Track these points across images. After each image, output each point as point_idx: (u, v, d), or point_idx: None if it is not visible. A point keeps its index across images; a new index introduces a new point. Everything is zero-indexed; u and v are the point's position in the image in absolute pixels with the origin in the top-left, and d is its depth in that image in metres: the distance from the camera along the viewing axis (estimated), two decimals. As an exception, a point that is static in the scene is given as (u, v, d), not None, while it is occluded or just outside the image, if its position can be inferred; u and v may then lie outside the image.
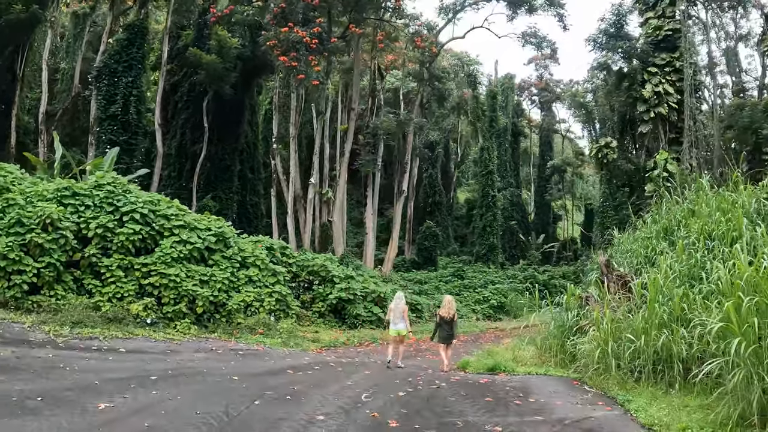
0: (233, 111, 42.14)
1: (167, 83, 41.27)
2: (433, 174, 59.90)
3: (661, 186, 31.86)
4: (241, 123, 43.57)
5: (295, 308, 21.02)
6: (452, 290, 35.45)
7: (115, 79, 34.44)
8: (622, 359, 12.78)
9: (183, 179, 41.12)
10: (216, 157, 42.32)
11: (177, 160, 42.06)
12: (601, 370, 12.98)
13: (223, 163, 43.03)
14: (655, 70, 33.68)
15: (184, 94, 42.76)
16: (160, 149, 36.44)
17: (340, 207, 30.38)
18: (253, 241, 22.54)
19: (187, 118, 42.54)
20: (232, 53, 37.63)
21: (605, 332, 13.33)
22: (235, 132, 43.25)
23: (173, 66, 42.34)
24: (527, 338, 21.98)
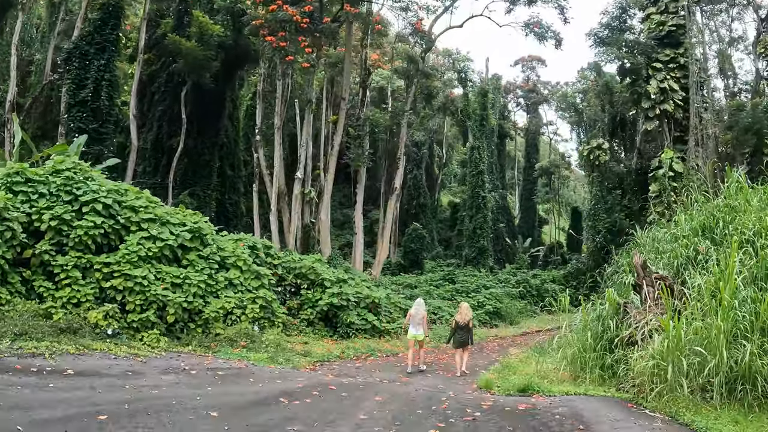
0: (213, 103, 39.20)
1: (144, 73, 38.22)
2: (417, 175, 57.36)
3: (667, 186, 29.76)
4: (221, 116, 40.63)
5: (281, 316, 18.23)
6: (444, 295, 32.89)
7: (86, 62, 31.23)
8: (691, 376, 10.39)
9: (159, 174, 38.06)
10: (194, 151, 39.34)
11: (153, 155, 38.99)
12: (665, 391, 10.52)
13: (202, 158, 40.06)
14: (660, 66, 31.57)
15: (162, 85, 39.72)
16: (135, 142, 33.34)
17: (327, 204, 27.64)
18: (234, 239, 19.70)
19: (164, 110, 39.49)
20: (213, 41, 34.71)
21: (666, 345, 10.82)
22: (214, 125, 40.28)
23: (151, 55, 39.31)
24: (542, 347, 19.57)
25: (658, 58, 31.82)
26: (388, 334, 20.65)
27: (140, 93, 39.01)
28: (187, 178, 39.12)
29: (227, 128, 43.30)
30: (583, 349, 13.46)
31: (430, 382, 13.43)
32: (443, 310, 28.42)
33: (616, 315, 13.75)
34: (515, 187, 68.12)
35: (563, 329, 14.18)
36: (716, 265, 13.44)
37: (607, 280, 19.07)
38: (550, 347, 19.10)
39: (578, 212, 61.54)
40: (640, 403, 10.88)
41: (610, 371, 13.01)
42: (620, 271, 17.23)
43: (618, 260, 18.51)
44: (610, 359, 12.98)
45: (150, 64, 39.68)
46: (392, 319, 22.14)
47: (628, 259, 17.60)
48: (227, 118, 42.97)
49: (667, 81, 31.00)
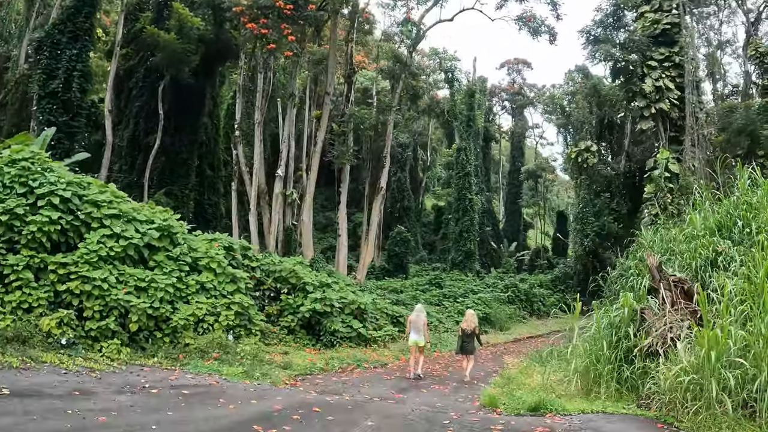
0: (192, 99, 37.36)
1: (122, 68, 36.37)
2: (402, 178, 55.87)
3: (663, 187, 28.53)
4: (200, 113, 38.80)
5: (259, 324, 16.52)
6: (431, 300, 31.35)
7: (58, 51, 29.32)
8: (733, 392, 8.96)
9: (135, 173, 36.08)
10: (172, 149, 37.42)
11: (129, 152, 37.04)
12: (702, 408, 9.06)
13: (180, 156, 38.12)
14: (655, 64, 30.40)
15: (140, 80, 37.83)
16: (110, 138, 31.44)
17: (309, 205, 25.97)
18: (208, 239, 17.97)
19: (141, 106, 37.58)
20: (193, 34, 32.93)
21: (704, 357, 9.34)
22: (193, 123, 38.42)
23: (129, 50, 37.50)
24: (540, 356, 18.09)
25: (652, 57, 30.65)
26: (375, 342, 19.04)
27: (117, 89, 37.26)
28: (164, 177, 37.25)
29: (207, 126, 41.51)
30: (597, 359, 11.95)
31: (426, 398, 11.83)
32: (431, 316, 26.76)
33: (632, 322, 12.27)
34: (500, 190, 66.87)
35: (575, 338, 12.57)
36: (742, 266, 12.05)
37: (612, 283, 17.64)
38: (551, 356, 17.68)
39: (564, 216, 60.44)
40: (670, 422, 9.41)
41: (628, 385, 11.53)
42: (628, 274, 15.78)
43: (623, 263, 17.08)
44: (629, 371, 11.48)
45: (128, 59, 37.92)
46: (379, 326, 20.52)
47: (635, 261, 16.21)
48: (207, 115, 41.20)
49: (662, 80, 29.83)
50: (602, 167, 44.40)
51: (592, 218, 42.18)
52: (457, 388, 13.31)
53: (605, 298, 17.64)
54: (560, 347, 18.44)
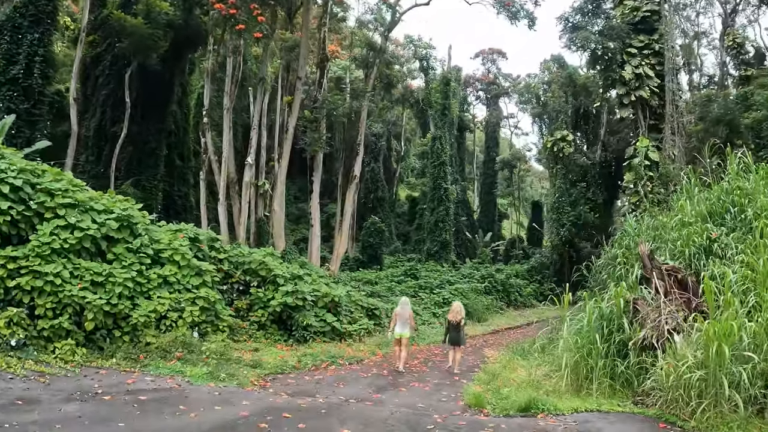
0: (160, 87, 36.01)
1: (88, 56, 34.84)
2: (375, 168, 54.88)
3: (642, 175, 28.01)
4: (169, 101, 37.42)
5: (227, 319, 15.45)
6: (407, 291, 30.45)
7: (19, 35, 27.71)
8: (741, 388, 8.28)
9: (102, 164, 34.61)
10: (139, 138, 36.03)
11: (95, 143, 35.52)
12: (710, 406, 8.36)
13: (148, 146, 36.74)
14: (635, 52, 29.82)
15: (106, 68, 36.26)
16: (75, 128, 29.93)
17: (281, 194, 24.84)
18: (172, 230, 16.82)
19: (108, 95, 36.06)
20: (161, 19, 31.55)
21: (710, 350, 8.63)
22: (161, 111, 37.04)
23: (96, 37, 35.92)
24: (522, 349, 17.36)
25: (631, 44, 30.08)
26: (350, 336, 18.09)
27: (84, 77, 35.92)
28: (131, 168, 35.87)
29: (176, 114, 40.10)
30: (588, 353, 11.18)
31: (406, 398, 10.94)
32: (407, 307, 25.97)
33: (625, 313, 11.54)
34: (474, 181, 66.26)
35: (564, 330, 11.78)
36: (741, 254, 11.39)
37: (597, 273, 16.97)
38: (533, 349, 16.94)
39: (539, 206, 60.09)
40: (673, 421, 8.69)
41: (622, 380, 10.81)
42: (614, 263, 15.09)
43: (608, 251, 16.40)
44: (623, 366, 10.74)
45: (95, 46, 36.38)
46: (354, 319, 19.56)
47: (621, 250, 15.52)
48: (176, 103, 39.79)
49: (642, 67, 29.29)
50: (578, 157, 44.03)
51: (568, 208, 41.74)
52: (439, 386, 12.46)
53: (590, 289, 16.99)
54: (543, 339, 17.75)
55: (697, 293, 11.86)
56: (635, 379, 10.61)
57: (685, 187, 15.72)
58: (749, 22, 43.32)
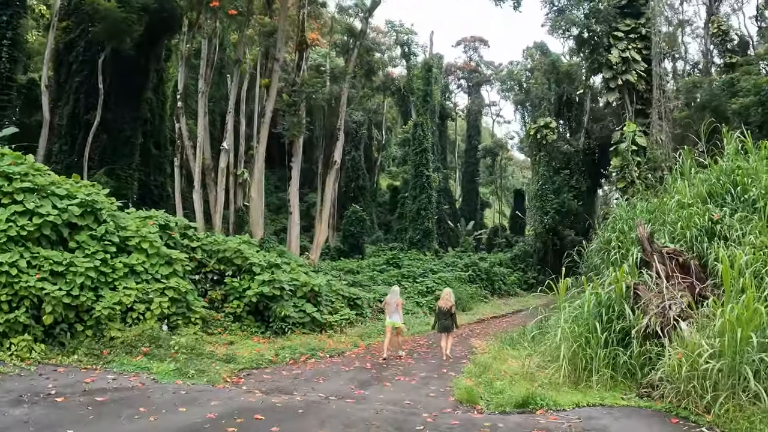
0: (135, 73, 34.58)
1: (62, 42, 33.38)
2: (356, 157, 53.84)
3: (630, 160, 27.33)
4: (144, 87, 35.97)
5: (199, 311, 14.44)
6: (389, 280, 29.58)
7: (-15, 19, 26.29)
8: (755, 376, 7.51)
9: (75, 154, 33.15)
10: (113, 126, 34.57)
11: (69, 131, 34.02)
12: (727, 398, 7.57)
13: (123, 134, 35.29)
14: (621, 35, 29.06)
15: (80, 54, 34.71)
16: (47, 116, 28.56)
17: (258, 180, 23.75)
18: (141, 217, 15.73)
19: (81, 82, 34.50)
20: (135, 2, 30.11)
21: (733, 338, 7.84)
22: (136, 98, 35.60)
23: (70, 23, 34.41)
24: (511, 338, 16.57)
25: (618, 28, 29.31)
26: (330, 327, 17.17)
27: (57, 64, 34.43)
28: (105, 157, 34.43)
29: (151, 102, 38.71)
30: (586, 343, 10.36)
31: (392, 394, 10.04)
32: (390, 297, 25.11)
33: (625, 300, 10.74)
34: (456, 170, 65.45)
35: (562, 319, 10.93)
36: (749, 235, 10.64)
37: (589, 258, 16.18)
38: (523, 338, 16.17)
39: (521, 194, 59.51)
40: (686, 416, 7.89)
41: (623, 371, 10.01)
42: (609, 248, 14.30)
43: (601, 235, 15.60)
44: (625, 356, 9.94)
45: (68, 32, 34.82)
46: (334, 309, 18.63)
47: (615, 234, 14.73)
48: (151, 90, 38.38)
49: (628, 51, 28.54)
50: (561, 144, 43.41)
51: (551, 195, 41.10)
52: (426, 379, 11.59)
53: (580, 276, 16.22)
54: (532, 328, 16.97)
55: (701, 277, 11.12)
56: (638, 370, 9.82)
57: (680, 168, 14.94)
58: (733, 11, 42.82)
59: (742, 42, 39.66)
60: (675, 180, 15.20)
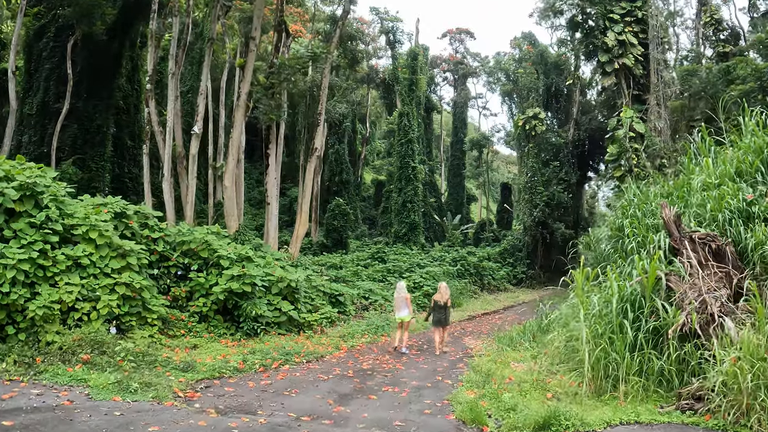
0: (108, 60, 32.62)
1: (32, 28, 31.31)
2: (340, 150, 51.79)
3: (627, 148, 25.67)
4: (116, 74, 33.87)
5: (157, 310, 12.48)
6: (375, 276, 27.79)
7: (-53, 2, 23.98)
8: None
9: (45, 144, 31.03)
10: (85, 115, 32.57)
11: (39, 121, 31.93)
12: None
13: (94, 123, 33.27)
14: (617, 17, 27.35)
15: (51, 40, 32.63)
16: (14, 104, 26.39)
17: (232, 169, 21.74)
18: (94, 204, 13.72)
19: (52, 69, 32.46)
20: (107, -19, 28.03)
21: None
22: (109, 85, 33.47)
23: (41, 8, 32.33)
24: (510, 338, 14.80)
25: (613, 11, 27.61)
26: (309, 327, 15.27)
27: (28, 51, 32.48)
28: (76, 147, 32.38)
29: (126, 90, 36.55)
30: (610, 344, 8.56)
31: (379, 411, 8.16)
32: (375, 293, 23.25)
33: (654, 293, 8.97)
34: (441, 164, 63.67)
35: (581, 317, 9.11)
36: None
37: (591, 249, 14.43)
38: (524, 337, 14.41)
39: (508, 188, 57.81)
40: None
41: (657, 378, 8.23)
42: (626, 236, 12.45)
43: (613, 222, 13.78)
44: (660, 361, 8.16)
45: (40, 18, 32.69)
46: (314, 307, 16.73)
47: (627, 220, 12.94)
48: (125, 78, 36.23)
49: (625, 34, 26.85)
50: (551, 135, 41.74)
51: (541, 188, 39.42)
52: (419, 390, 9.74)
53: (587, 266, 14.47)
54: (533, 326, 15.23)
55: (738, 266, 9.36)
56: (675, 377, 8.05)
57: (699, 147, 13.21)
58: (724, 2, 41.45)
59: (733, 32, 38.36)
60: (691, 160, 13.49)
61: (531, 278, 38.66)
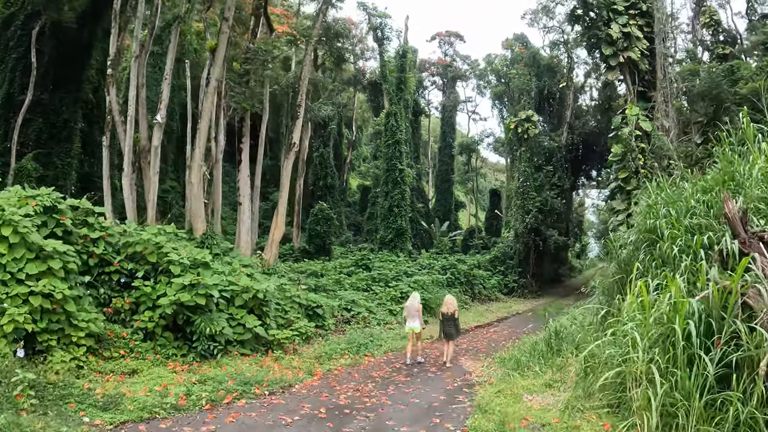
0: (77, 50, 30.07)
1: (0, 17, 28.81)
2: (325, 153, 49.30)
3: (634, 147, 23.48)
4: (85, 66, 31.28)
5: (87, 326, 9.98)
6: (358, 284, 25.34)
7: None
8: None
9: (8, 139, 28.43)
10: (50, 108, 29.98)
11: (3, 114, 29.32)
12: None
13: (61, 117, 30.65)
14: (621, 9, 25.27)
15: (18, 28, 30.08)
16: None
17: (198, 165, 19.22)
18: (21, 196, 11.23)
19: (18, 59, 29.93)
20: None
21: None
22: (77, 77, 30.90)
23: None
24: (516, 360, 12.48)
25: (615, 2, 25.54)
26: (279, 346, 12.76)
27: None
28: (41, 142, 29.78)
29: (96, 83, 33.90)
30: (682, 389, 6.22)
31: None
32: (359, 304, 20.80)
33: (723, 310, 6.67)
34: (429, 171, 61.40)
35: (640, 342, 6.76)
36: None
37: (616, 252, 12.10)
38: (532, 359, 12.06)
39: (497, 194, 55.63)
40: None
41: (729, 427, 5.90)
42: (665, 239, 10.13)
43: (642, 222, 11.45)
44: (745, 410, 5.83)
45: (9, 6, 30.24)
46: (287, 321, 14.23)
47: (658, 220, 10.67)
48: (96, 70, 33.56)
49: (630, 26, 24.77)
50: (543, 139, 39.66)
51: (533, 193, 37.21)
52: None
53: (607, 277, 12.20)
54: (540, 345, 12.90)
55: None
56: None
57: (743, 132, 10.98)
58: (719, 6, 39.81)
59: (730, 36, 36.78)
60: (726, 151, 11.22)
61: (523, 287, 36.43)
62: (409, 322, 13.97)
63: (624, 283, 11.57)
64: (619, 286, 11.40)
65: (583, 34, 27.42)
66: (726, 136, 11.83)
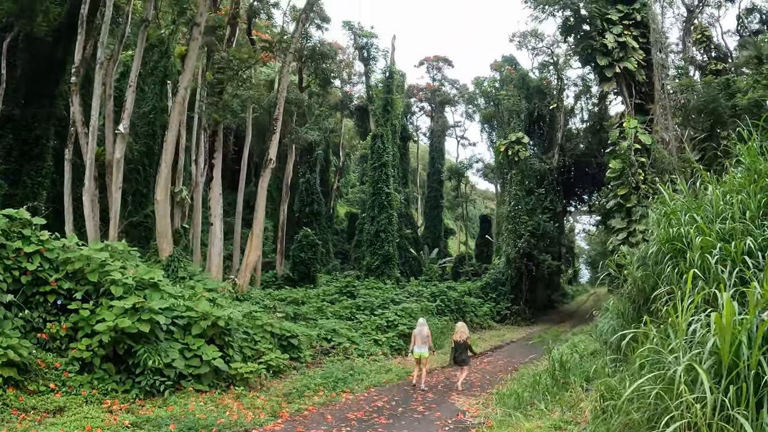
0: (51, 64, 28.72)
1: None
2: (311, 179, 47.87)
3: (633, 162, 22.11)
4: (60, 81, 29.80)
5: (4, 354, 8.21)
6: (342, 313, 23.53)
7: None
8: None
9: (-18, 157, 26.98)
10: (22, 124, 28.53)
11: (-27, 130, 27.82)
12: None
13: (33, 133, 29.14)
14: (616, 20, 24.22)
15: (-8, 40, 28.70)
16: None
17: (166, 180, 17.52)
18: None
19: (-9, 73, 28.43)
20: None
21: None
22: (50, 92, 29.43)
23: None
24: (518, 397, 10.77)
25: (608, 13, 24.49)
26: (243, 382, 10.95)
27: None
28: (11, 159, 28.20)
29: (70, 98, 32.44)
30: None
31: None
32: (340, 334, 18.94)
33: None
34: (418, 198, 60.03)
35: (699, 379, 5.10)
36: None
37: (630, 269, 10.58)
38: (536, 395, 10.37)
39: (488, 221, 54.21)
40: None
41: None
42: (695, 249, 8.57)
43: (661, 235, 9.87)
44: None
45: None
46: (255, 353, 12.42)
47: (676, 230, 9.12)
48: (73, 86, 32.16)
49: (625, 36, 23.70)
50: (535, 161, 38.39)
51: (525, 217, 35.78)
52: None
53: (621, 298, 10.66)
54: (544, 378, 11.22)
55: None
56: None
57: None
58: (709, 24, 39.21)
59: (722, 52, 36.09)
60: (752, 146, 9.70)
61: (516, 314, 34.77)
62: (417, 348, 14.05)
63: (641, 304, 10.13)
64: (637, 308, 9.96)
65: (576, 44, 26.31)
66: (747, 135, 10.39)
